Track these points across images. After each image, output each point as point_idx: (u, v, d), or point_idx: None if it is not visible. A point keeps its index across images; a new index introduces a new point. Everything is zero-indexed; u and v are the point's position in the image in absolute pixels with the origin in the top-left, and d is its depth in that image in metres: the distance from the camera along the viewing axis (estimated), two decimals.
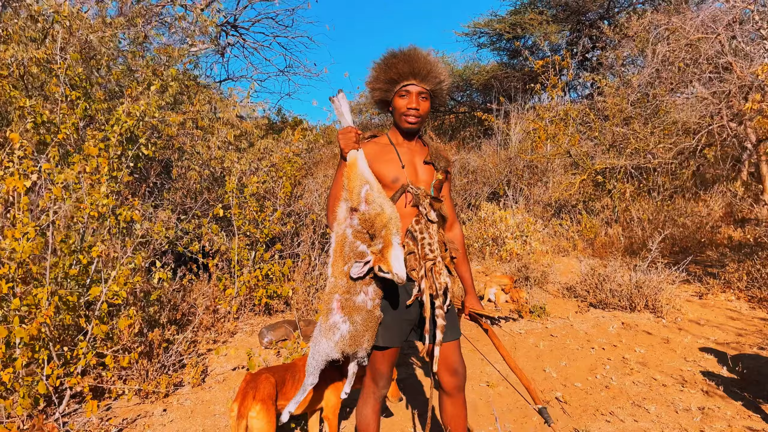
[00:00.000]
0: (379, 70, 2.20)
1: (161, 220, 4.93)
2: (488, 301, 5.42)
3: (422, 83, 2.16)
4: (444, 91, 2.26)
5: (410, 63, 2.14)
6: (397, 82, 2.17)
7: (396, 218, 2.03)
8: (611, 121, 9.24)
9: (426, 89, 2.17)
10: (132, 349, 3.27)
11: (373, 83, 2.23)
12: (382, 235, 1.99)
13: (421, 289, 2.11)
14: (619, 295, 5.09)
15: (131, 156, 4.12)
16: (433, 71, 2.16)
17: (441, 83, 2.21)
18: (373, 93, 2.26)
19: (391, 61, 2.16)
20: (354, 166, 2.06)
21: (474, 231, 8.28)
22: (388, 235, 1.99)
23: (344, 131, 2.08)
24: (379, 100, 2.28)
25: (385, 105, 2.28)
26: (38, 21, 4.74)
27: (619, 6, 14.35)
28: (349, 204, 2.04)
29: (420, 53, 2.17)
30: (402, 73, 2.15)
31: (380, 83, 2.20)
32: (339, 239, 2.06)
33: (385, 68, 2.18)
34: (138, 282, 3.25)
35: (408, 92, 2.16)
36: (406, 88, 2.16)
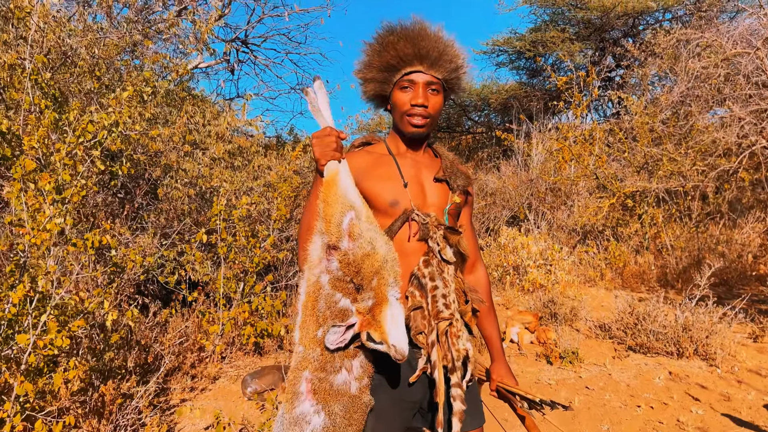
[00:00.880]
0: (373, 52, 1.58)
1: (139, 246, 4.35)
2: (510, 341, 4.73)
3: (431, 70, 1.54)
4: (461, 82, 1.63)
5: (415, 42, 1.52)
6: (398, 68, 1.55)
7: (393, 261, 1.40)
8: (641, 141, 8.57)
9: (437, 78, 1.55)
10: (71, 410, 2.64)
11: (364, 72, 1.61)
12: (372, 286, 1.36)
13: (431, 360, 1.47)
14: (664, 338, 4.38)
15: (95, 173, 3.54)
16: (446, 53, 1.54)
17: (457, 70, 1.58)
18: (365, 86, 1.64)
19: (388, 40, 1.54)
20: (333, 185, 1.44)
21: (493, 258, 7.59)
22: (382, 286, 1.36)
23: (320, 134, 1.45)
24: (373, 96, 1.66)
25: (383, 101, 1.66)
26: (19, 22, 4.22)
27: (644, 23, 13.75)
28: (326, 239, 1.42)
29: (428, 29, 1.54)
30: (404, 56, 1.53)
31: (374, 71, 1.58)
32: (311, 290, 1.43)
33: (380, 50, 1.56)
34: (79, 326, 2.63)
35: (412, 83, 1.54)
36: (410, 77, 1.54)
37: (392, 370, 1.48)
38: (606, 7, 12.37)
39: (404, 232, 1.53)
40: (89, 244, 3.19)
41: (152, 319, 4.01)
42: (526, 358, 4.44)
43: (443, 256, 1.50)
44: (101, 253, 4.38)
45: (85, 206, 4.22)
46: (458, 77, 1.60)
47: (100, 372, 3.09)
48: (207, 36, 5.90)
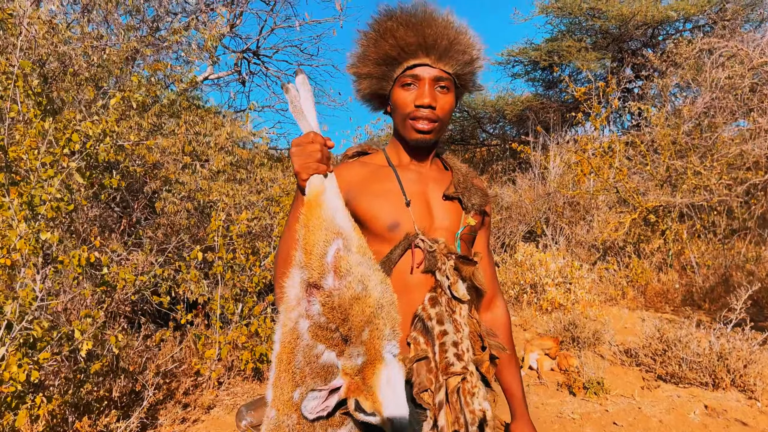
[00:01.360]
0: (369, 42, 1.28)
1: (133, 264, 4.09)
2: (529, 368, 4.39)
3: (440, 63, 1.24)
4: (476, 77, 1.34)
5: (419, 29, 1.22)
6: (399, 61, 1.26)
7: (390, 305, 1.09)
8: (664, 154, 8.21)
9: (447, 73, 1.25)
10: None
11: (358, 66, 1.31)
12: (363, 339, 1.05)
13: (438, 425, 1.17)
14: (698, 367, 4.02)
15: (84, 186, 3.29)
16: (458, 42, 1.24)
17: (472, 63, 1.28)
18: (359, 83, 1.34)
19: (386, 27, 1.25)
20: (316, 206, 1.14)
21: (509, 276, 7.25)
22: (375, 339, 1.05)
23: (302, 141, 1.15)
24: (370, 95, 1.36)
25: (381, 102, 1.37)
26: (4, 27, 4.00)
27: (663, 33, 13.42)
28: (306, 275, 1.12)
29: (434, 14, 1.25)
30: (405, 46, 1.23)
31: (370, 65, 1.28)
32: (287, 339, 1.13)
33: (377, 39, 1.27)
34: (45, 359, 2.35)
35: (417, 79, 1.25)
36: (414, 72, 1.24)
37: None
38: (624, 16, 12.07)
39: (406, 263, 1.24)
40: (75, 261, 2.93)
41: (142, 343, 3.72)
42: (546, 387, 4.09)
43: (454, 293, 1.20)
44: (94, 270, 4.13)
45: (74, 221, 3.97)
46: (472, 72, 1.30)
47: (75, 406, 2.81)
48: (211, 44, 5.68)
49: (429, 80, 1.24)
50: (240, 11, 10.70)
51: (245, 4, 10.66)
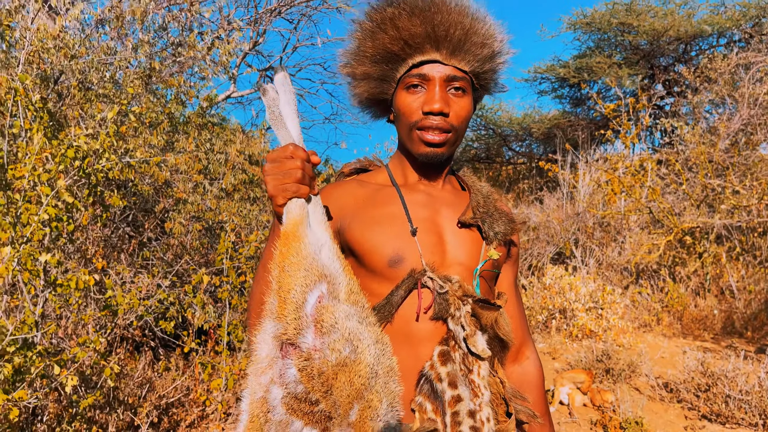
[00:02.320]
0: (365, 35, 1.04)
1: (138, 287, 3.89)
2: (560, 404, 4.06)
3: (454, 58, 0.98)
4: (498, 76, 1.08)
5: (427, 16, 0.97)
6: (401, 57, 1.00)
7: (389, 373, 0.83)
8: (701, 173, 7.82)
9: (463, 71, 1.00)
10: None
11: (353, 65, 1.06)
12: (351, 419, 0.80)
13: None
14: (747, 406, 3.66)
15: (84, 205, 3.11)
16: (475, 32, 0.98)
17: (493, 58, 1.03)
18: (355, 86, 1.08)
19: (386, 15, 1.00)
20: (295, 240, 0.89)
21: (537, 300, 6.91)
22: (367, 421, 0.79)
23: (278, 156, 0.89)
24: (368, 100, 1.12)
25: (383, 109, 1.12)
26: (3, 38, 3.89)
27: (696, 48, 13.03)
28: (280, 329, 0.87)
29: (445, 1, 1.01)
30: (410, 38, 0.97)
31: (367, 63, 1.03)
32: (256, 411, 0.87)
33: (377, 28, 1.02)
34: (22, 397, 2.14)
35: (425, 79, 0.99)
36: (421, 71, 0.98)
37: None
38: (657, 31, 11.74)
39: (411, 307, 0.98)
40: (72, 285, 2.75)
41: (143, 373, 3.51)
42: (579, 426, 3.76)
43: (471, 348, 0.94)
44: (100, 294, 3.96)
45: (75, 242, 3.79)
46: (494, 69, 1.05)
47: None
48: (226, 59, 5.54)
49: (440, 80, 0.99)
50: (263, 29, 10.65)
51: (268, 23, 10.61)
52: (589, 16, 12.58)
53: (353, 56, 1.05)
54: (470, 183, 1.14)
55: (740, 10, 11.43)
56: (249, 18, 10.43)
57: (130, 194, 4.27)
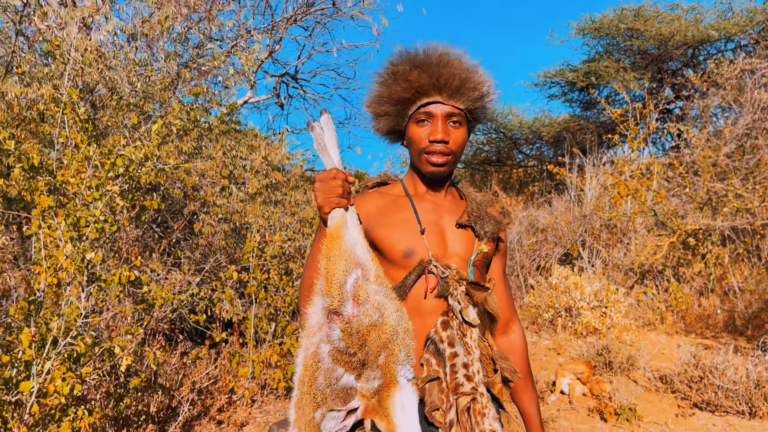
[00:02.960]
0: (385, 83, 1.37)
1: (171, 283, 4.24)
2: (561, 393, 4.36)
3: (452, 100, 1.31)
4: (488, 111, 1.41)
5: (432, 70, 1.30)
6: (412, 100, 1.34)
7: (406, 332, 1.17)
8: (704, 176, 8.06)
9: (459, 109, 1.32)
10: None
11: (374, 104, 1.39)
12: (379, 363, 1.13)
13: None
14: (734, 395, 3.93)
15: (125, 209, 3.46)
16: (469, 80, 1.31)
17: (483, 98, 1.36)
18: (377, 121, 1.42)
19: (401, 69, 1.33)
20: (337, 238, 1.22)
21: (544, 299, 7.20)
22: (391, 364, 1.12)
23: (325, 176, 1.23)
24: (387, 131, 1.45)
25: (398, 136, 1.45)
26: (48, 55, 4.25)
27: (704, 53, 13.21)
28: (327, 302, 1.20)
29: (446, 55, 1.32)
30: (420, 86, 1.31)
31: (386, 104, 1.36)
32: (309, 362, 1.20)
33: (393, 80, 1.35)
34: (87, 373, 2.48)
35: (430, 115, 1.32)
36: (427, 109, 1.32)
37: None
38: (664, 36, 11.94)
39: (420, 288, 1.30)
40: (115, 280, 3.08)
41: (179, 360, 3.85)
42: (577, 413, 4.06)
43: (465, 317, 1.26)
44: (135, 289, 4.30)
45: (117, 241, 4.15)
46: (484, 106, 1.37)
47: (115, 420, 2.93)
48: (248, 68, 5.88)
49: (442, 116, 1.32)
50: (279, 37, 10.99)
51: (284, 30, 10.95)
52: (598, 21, 12.81)
53: (375, 99, 1.38)
54: (466, 193, 1.46)
55: (747, 16, 11.61)
56: (266, 26, 10.80)
57: (161, 198, 4.62)
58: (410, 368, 1.16)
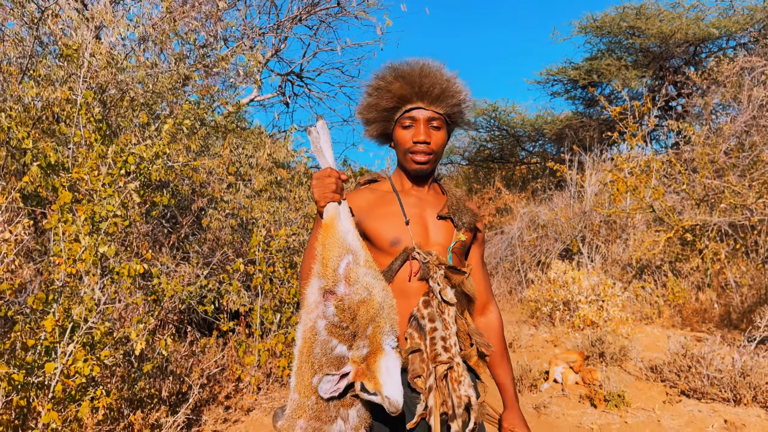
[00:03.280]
0: (373, 94, 1.56)
1: (180, 276, 4.43)
2: (554, 382, 4.54)
3: (432, 106, 1.50)
4: (464, 116, 1.60)
5: (413, 80, 1.49)
6: (398, 107, 1.53)
7: (390, 308, 1.35)
8: (701, 173, 8.20)
9: (439, 114, 1.51)
10: None
11: (365, 112, 1.58)
12: (367, 333, 1.31)
13: (427, 406, 1.41)
14: (720, 383, 4.10)
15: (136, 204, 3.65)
16: (448, 89, 1.50)
17: (460, 104, 1.54)
18: (367, 126, 1.61)
19: (387, 80, 1.52)
20: (331, 228, 1.41)
21: (543, 293, 7.37)
22: (377, 334, 1.31)
23: (320, 175, 1.43)
24: (377, 135, 1.63)
25: (387, 139, 1.63)
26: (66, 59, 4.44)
27: (706, 51, 13.31)
28: (323, 283, 1.38)
29: (426, 65, 1.51)
30: (404, 95, 1.50)
31: (375, 111, 1.56)
32: (307, 335, 1.39)
33: (380, 91, 1.54)
34: (107, 356, 2.68)
35: (413, 120, 1.51)
36: (411, 114, 1.51)
37: (392, 418, 1.41)
38: (665, 34, 12.05)
39: (405, 272, 1.49)
40: (125, 272, 3.26)
41: (188, 349, 4.05)
42: (569, 399, 4.24)
43: (443, 297, 1.44)
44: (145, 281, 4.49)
45: (129, 235, 4.34)
46: (461, 111, 1.56)
47: (130, 401, 3.13)
48: (255, 70, 6.07)
49: (424, 120, 1.50)
50: (284, 36, 11.18)
51: (289, 29, 11.13)
52: (600, 20, 12.93)
53: (366, 108, 1.57)
54: (447, 189, 1.64)
55: (747, 14, 11.71)
56: (271, 25, 10.98)
57: (170, 194, 4.82)
58: (394, 338, 1.34)
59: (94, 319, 2.74)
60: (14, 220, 4.36)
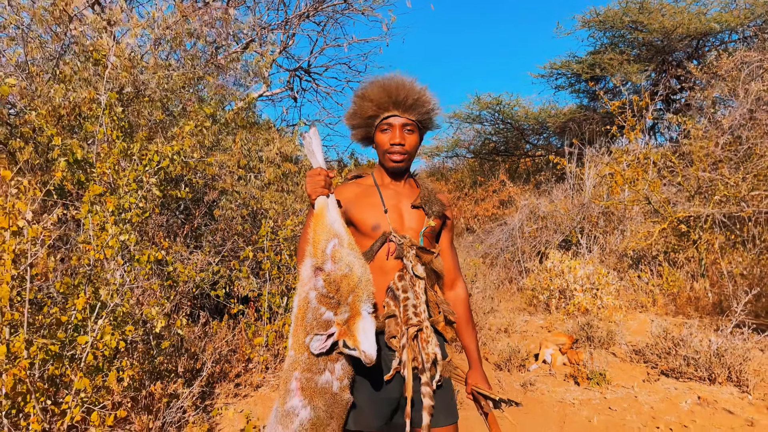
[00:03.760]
0: (356, 104, 1.87)
1: (194, 263, 4.77)
2: (543, 362, 4.84)
3: (406, 114, 1.81)
4: (433, 121, 1.90)
5: (390, 92, 1.80)
6: (377, 115, 1.84)
7: (368, 281, 1.66)
8: (696, 166, 8.44)
9: (411, 120, 1.82)
10: (123, 405, 3.02)
11: (351, 119, 1.90)
12: (348, 301, 1.62)
13: (401, 361, 1.72)
14: (696, 363, 4.39)
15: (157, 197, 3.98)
16: (419, 99, 1.81)
17: (429, 112, 1.85)
18: (353, 131, 1.93)
19: (368, 93, 1.83)
20: (321, 217, 1.72)
21: (540, 282, 7.67)
22: (356, 302, 1.62)
23: (312, 173, 1.74)
24: (361, 138, 1.94)
25: (369, 141, 1.94)
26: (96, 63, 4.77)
27: (709, 44, 13.47)
28: (314, 262, 1.70)
29: (401, 80, 1.82)
30: (381, 104, 1.81)
31: (358, 118, 1.87)
32: (301, 304, 1.70)
33: (362, 102, 1.85)
34: (129, 331, 3.01)
35: (390, 125, 1.82)
36: (388, 121, 1.82)
37: (371, 371, 1.72)
38: (667, 29, 12.23)
39: (383, 252, 1.79)
40: (144, 259, 3.59)
41: (201, 330, 4.39)
42: (555, 378, 4.55)
43: (415, 272, 1.75)
44: (161, 268, 4.84)
45: (147, 225, 4.68)
46: (430, 118, 1.87)
47: (150, 374, 3.48)
48: (264, 70, 6.38)
49: (399, 126, 1.81)
50: (293, 33, 11.47)
51: (297, 26, 11.42)
52: (603, 14, 13.12)
53: (351, 116, 1.88)
54: (420, 183, 1.94)
55: (748, 8, 11.86)
56: (280, 22, 11.28)
57: (186, 188, 5.15)
58: (370, 305, 1.65)
59: (117, 300, 3.07)
60: (38, 211, 4.72)
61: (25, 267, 2.57)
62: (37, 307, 3.35)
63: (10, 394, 2.65)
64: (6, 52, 5.36)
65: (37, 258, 2.63)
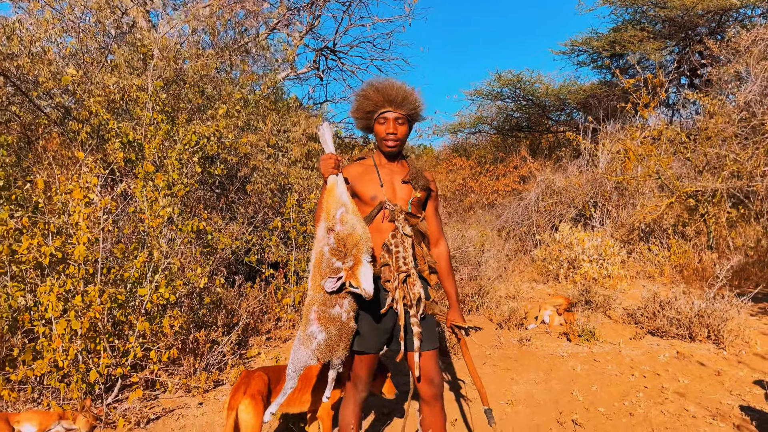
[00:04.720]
0: (359, 101, 2.39)
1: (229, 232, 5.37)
2: (542, 323, 5.36)
3: (398, 109, 2.33)
4: (420, 115, 2.41)
5: (385, 93, 2.32)
6: (375, 111, 2.35)
7: (366, 238, 2.19)
8: (705, 142, 8.75)
9: (402, 114, 2.33)
10: (174, 346, 3.64)
11: (354, 113, 2.43)
12: (353, 253, 2.16)
13: (394, 299, 2.26)
14: (678, 323, 4.86)
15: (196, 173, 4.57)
16: (408, 98, 2.33)
17: (416, 108, 2.37)
18: (356, 122, 2.47)
19: (368, 93, 2.36)
20: (332, 190, 2.25)
21: (550, 253, 8.14)
22: (358, 253, 2.15)
23: (325, 158, 2.28)
24: (362, 128, 2.47)
25: (369, 130, 2.47)
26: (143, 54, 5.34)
27: (732, 20, 13.49)
28: (327, 224, 2.24)
29: (394, 83, 2.34)
30: (378, 102, 2.33)
31: (360, 113, 2.40)
32: (317, 256, 2.25)
33: (363, 100, 2.37)
34: (179, 286, 3.63)
35: (386, 119, 2.34)
36: (384, 115, 2.33)
37: (372, 307, 2.26)
38: (686, 5, 12.33)
39: (380, 216, 2.33)
40: (187, 228, 4.18)
41: (236, 291, 5.01)
42: (550, 336, 5.07)
43: (404, 231, 2.29)
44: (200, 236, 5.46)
45: (189, 199, 5.29)
46: (417, 112, 2.38)
47: (195, 323, 4.10)
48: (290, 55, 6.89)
49: (392, 119, 2.33)
50: (318, 13, 11.92)
51: (323, 6, 11.86)
52: None
53: (355, 111, 2.40)
54: (410, 163, 2.47)
55: None
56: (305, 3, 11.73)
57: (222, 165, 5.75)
58: (369, 256, 2.18)
59: (170, 259, 3.68)
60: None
61: (98, 230, 3.18)
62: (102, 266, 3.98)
63: (87, 335, 3.28)
64: (59, 42, 5.99)
65: (108, 224, 3.23)
